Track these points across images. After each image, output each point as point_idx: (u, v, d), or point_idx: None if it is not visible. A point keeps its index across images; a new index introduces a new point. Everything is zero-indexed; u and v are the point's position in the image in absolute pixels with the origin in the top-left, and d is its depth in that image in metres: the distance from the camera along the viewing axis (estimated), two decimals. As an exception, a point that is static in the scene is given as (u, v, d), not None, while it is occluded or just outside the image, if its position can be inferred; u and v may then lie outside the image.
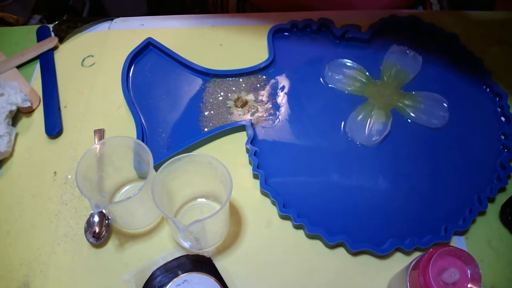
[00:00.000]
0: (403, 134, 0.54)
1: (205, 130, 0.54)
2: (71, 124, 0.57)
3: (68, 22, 0.66)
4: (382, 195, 0.50)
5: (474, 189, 0.51)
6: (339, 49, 0.61)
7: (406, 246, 0.46)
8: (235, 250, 0.48)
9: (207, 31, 0.65)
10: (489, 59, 0.60)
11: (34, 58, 0.62)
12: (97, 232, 0.48)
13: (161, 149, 0.53)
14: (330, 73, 0.59)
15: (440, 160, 0.53)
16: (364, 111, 0.56)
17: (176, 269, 0.45)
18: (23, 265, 0.47)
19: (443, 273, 0.36)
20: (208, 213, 0.49)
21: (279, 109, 0.56)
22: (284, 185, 0.51)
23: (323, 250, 0.48)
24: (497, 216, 0.50)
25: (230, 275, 0.46)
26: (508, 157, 0.52)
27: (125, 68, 0.58)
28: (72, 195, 0.51)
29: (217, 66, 0.59)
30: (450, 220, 0.49)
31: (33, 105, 0.58)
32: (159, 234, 0.49)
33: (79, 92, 0.59)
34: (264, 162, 0.52)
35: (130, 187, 0.52)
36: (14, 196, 0.51)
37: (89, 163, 0.45)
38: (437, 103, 0.56)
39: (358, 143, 0.54)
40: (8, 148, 0.53)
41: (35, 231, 0.49)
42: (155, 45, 0.60)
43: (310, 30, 0.62)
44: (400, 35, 0.62)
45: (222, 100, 0.57)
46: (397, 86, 0.58)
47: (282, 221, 0.50)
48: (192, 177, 0.46)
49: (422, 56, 0.60)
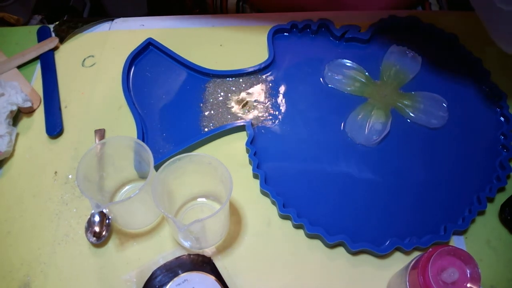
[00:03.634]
0: (402, 134, 0.55)
1: (205, 130, 0.54)
2: (72, 124, 0.57)
3: (69, 22, 0.66)
4: (382, 195, 0.51)
5: (473, 189, 0.51)
6: (339, 49, 0.62)
7: (405, 245, 0.47)
8: (235, 250, 0.48)
9: (207, 31, 0.65)
10: (488, 59, 0.60)
11: (35, 58, 0.62)
12: (98, 231, 0.48)
13: (161, 149, 0.53)
14: (330, 73, 0.59)
15: (440, 160, 0.53)
16: (364, 111, 0.56)
17: (176, 269, 0.45)
18: (24, 264, 0.47)
19: (442, 272, 0.36)
20: (208, 213, 0.49)
21: (279, 109, 0.56)
22: (284, 185, 0.51)
23: (323, 250, 0.48)
24: (497, 216, 0.50)
25: (230, 275, 0.46)
26: (507, 157, 0.52)
27: (126, 68, 0.58)
28: (73, 195, 0.51)
29: (217, 66, 0.59)
30: (449, 219, 0.49)
31: (33, 105, 0.58)
32: (159, 234, 0.49)
33: (80, 92, 0.60)
34: (264, 162, 0.52)
35: (130, 187, 0.52)
36: (15, 196, 0.52)
37: (89, 163, 0.45)
38: (437, 103, 0.56)
39: (358, 143, 0.54)
40: (8, 148, 0.53)
41: (36, 231, 0.49)
42: (156, 46, 0.61)
43: (310, 30, 0.62)
44: (399, 36, 0.63)
45: (222, 100, 0.57)
46: (396, 86, 0.58)
47: (282, 221, 0.50)
48: (192, 177, 0.46)
49: (422, 56, 0.60)
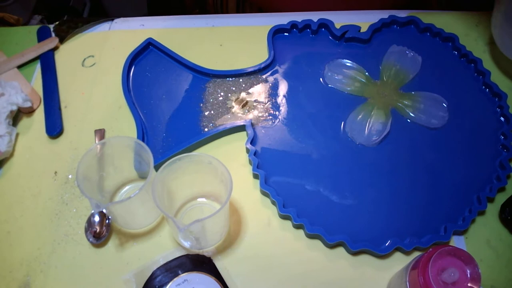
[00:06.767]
0: (402, 134, 0.55)
1: (205, 130, 0.54)
2: (72, 124, 0.57)
3: (69, 22, 0.66)
4: (382, 195, 0.51)
5: (473, 189, 0.51)
6: (339, 49, 0.61)
7: (405, 245, 0.47)
8: (235, 250, 0.48)
9: (207, 31, 0.65)
10: (488, 59, 0.60)
11: (35, 58, 0.62)
12: (98, 231, 0.48)
13: (161, 149, 0.53)
14: (330, 73, 0.59)
15: (440, 160, 0.53)
16: (364, 111, 0.56)
17: (176, 269, 0.45)
18: (24, 264, 0.47)
19: (442, 272, 0.36)
20: (208, 213, 0.49)
21: (279, 109, 0.56)
22: (284, 185, 0.51)
23: (323, 250, 0.48)
24: (497, 216, 0.50)
25: (230, 275, 0.46)
26: (508, 157, 0.52)
27: (126, 68, 0.58)
28: (73, 195, 0.51)
29: (217, 66, 0.59)
30: (449, 219, 0.49)
31: (33, 105, 0.58)
32: (159, 234, 0.49)
33: (80, 92, 0.60)
34: (264, 162, 0.52)
35: (130, 187, 0.52)
36: (15, 196, 0.52)
37: (89, 163, 0.45)
38: (437, 103, 0.56)
39: (358, 143, 0.54)
40: (8, 148, 0.53)
41: (36, 231, 0.49)
42: (156, 46, 0.60)
43: (310, 30, 0.62)
44: (399, 35, 0.63)
45: (222, 100, 0.57)
46: (396, 86, 0.58)
47: (282, 220, 0.50)
48: (192, 177, 0.46)
49: (422, 56, 0.60)
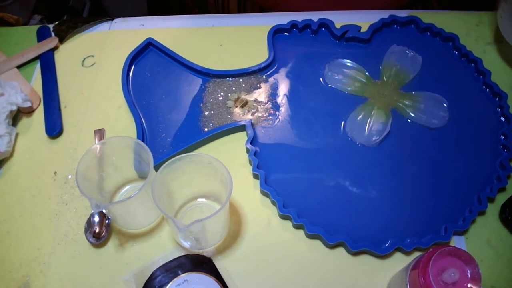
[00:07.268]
0: (403, 134, 0.55)
1: (205, 130, 0.54)
2: (71, 124, 0.57)
3: (68, 22, 0.66)
4: (382, 195, 0.50)
5: (474, 189, 0.51)
6: (339, 49, 0.61)
7: (406, 246, 0.46)
8: (235, 250, 0.48)
9: (207, 31, 0.65)
10: (488, 59, 0.60)
11: (35, 58, 0.62)
12: (97, 232, 0.48)
13: (161, 149, 0.53)
14: (330, 73, 0.59)
15: (440, 160, 0.53)
16: (364, 111, 0.56)
17: (176, 269, 0.45)
18: (23, 265, 0.47)
19: (443, 273, 0.36)
20: (208, 213, 0.49)
21: (279, 109, 0.56)
22: (284, 185, 0.51)
23: (323, 250, 0.48)
24: (497, 216, 0.50)
25: (230, 275, 0.46)
26: (508, 157, 0.52)
27: (125, 68, 0.58)
28: (72, 195, 0.51)
29: (217, 66, 0.59)
30: (450, 220, 0.49)
31: (33, 105, 0.58)
32: (159, 234, 0.49)
33: (80, 92, 0.60)
34: (264, 162, 0.52)
35: (130, 187, 0.52)
36: (14, 196, 0.52)
37: (89, 163, 0.45)
38: (437, 103, 0.56)
39: (358, 143, 0.54)
40: (8, 148, 0.53)
41: (35, 231, 0.49)
42: (155, 45, 0.60)
43: (310, 30, 0.62)
44: (400, 35, 0.62)
45: (222, 100, 0.57)
46: (397, 86, 0.58)
47: (282, 221, 0.50)
48: (192, 177, 0.46)
49: (422, 56, 0.60)
